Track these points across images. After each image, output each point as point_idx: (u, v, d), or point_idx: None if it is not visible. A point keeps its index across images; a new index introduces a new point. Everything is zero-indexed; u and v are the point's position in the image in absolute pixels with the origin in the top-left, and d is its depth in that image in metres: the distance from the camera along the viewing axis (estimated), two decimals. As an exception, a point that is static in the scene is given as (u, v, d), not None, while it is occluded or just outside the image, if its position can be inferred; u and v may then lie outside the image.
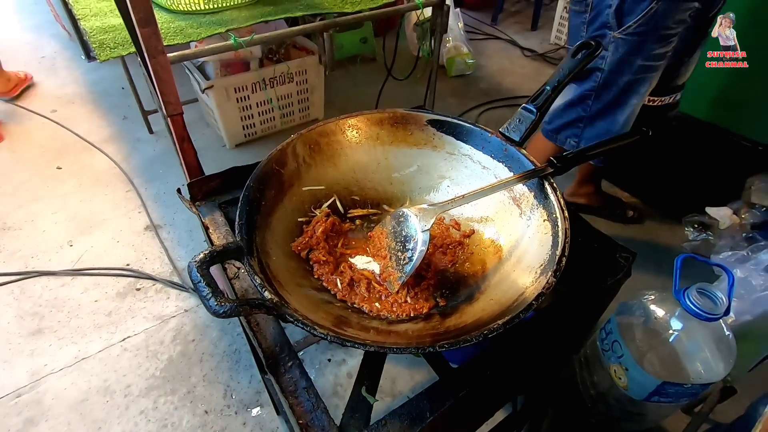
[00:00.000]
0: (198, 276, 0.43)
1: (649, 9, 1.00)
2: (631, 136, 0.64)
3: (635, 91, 1.12)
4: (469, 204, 0.66)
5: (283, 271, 0.53)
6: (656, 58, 1.07)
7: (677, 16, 1.01)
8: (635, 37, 1.05)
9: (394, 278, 0.56)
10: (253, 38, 1.10)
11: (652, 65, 1.08)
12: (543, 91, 0.63)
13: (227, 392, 1.22)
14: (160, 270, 1.53)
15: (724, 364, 0.76)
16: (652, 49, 1.05)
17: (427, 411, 0.43)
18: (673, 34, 1.03)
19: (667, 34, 1.03)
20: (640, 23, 1.02)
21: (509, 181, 0.57)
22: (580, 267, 0.57)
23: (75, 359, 1.27)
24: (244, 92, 1.90)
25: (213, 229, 0.63)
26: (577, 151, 0.61)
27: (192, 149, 0.87)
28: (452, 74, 2.63)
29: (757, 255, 0.99)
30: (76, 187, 1.85)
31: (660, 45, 1.04)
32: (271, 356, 0.47)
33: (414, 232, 0.55)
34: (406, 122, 0.70)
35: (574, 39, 1.20)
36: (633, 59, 1.08)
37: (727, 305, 0.70)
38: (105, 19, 1.11)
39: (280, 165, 0.63)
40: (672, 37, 1.04)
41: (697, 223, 1.64)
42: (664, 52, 1.05)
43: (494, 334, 0.42)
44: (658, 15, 1.01)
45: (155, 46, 0.73)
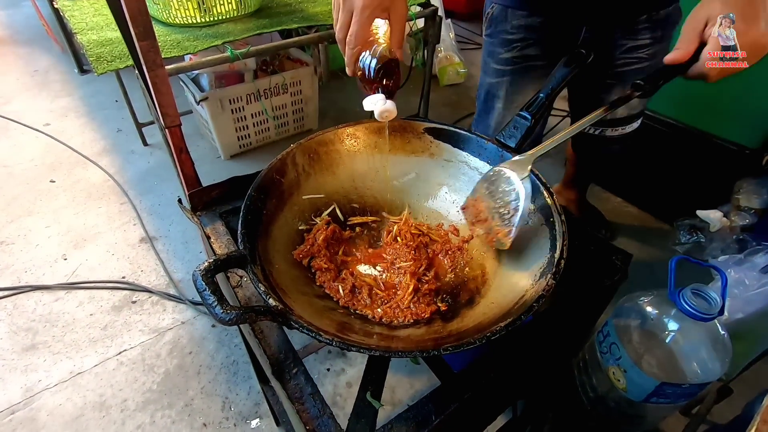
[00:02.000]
0: (203, 284, 0.43)
1: (490, 11, 1.06)
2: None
3: (496, 95, 1.14)
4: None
5: (285, 279, 0.54)
6: (505, 63, 1.07)
7: (514, 21, 1.02)
8: (487, 38, 1.10)
9: (503, 234, 0.55)
10: (249, 50, 1.11)
11: (502, 69, 1.09)
12: (537, 98, 0.65)
13: (225, 404, 1.20)
14: (156, 282, 1.52)
15: (720, 364, 0.77)
16: (498, 53, 1.07)
17: (432, 414, 0.43)
18: (515, 39, 1.04)
19: (509, 39, 1.04)
20: (487, 26, 1.09)
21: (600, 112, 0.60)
22: (577, 269, 0.58)
23: (70, 374, 1.25)
24: (239, 103, 1.91)
25: (215, 238, 0.63)
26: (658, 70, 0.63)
27: (190, 160, 0.87)
28: (444, 83, 2.67)
29: (752, 258, 1.01)
30: (70, 200, 1.84)
31: (505, 49, 1.06)
32: (276, 363, 0.47)
33: (513, 183, 0.55)
34: (403, 131, 0.71)
35: None
36: (488, 61, 1.11)
37: (722, 305, 0.71)
38: (102, 33, 1.12)
39: (280, 174, 0.63)
40: (515, 43, 1.04)
41: (689, 226, 1.67)
42: (510, 57, 1.06)
43: (496, 337, 0.43)
44: (495, 19, 1.05)
45: (154, 59, 0.74)
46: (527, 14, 1.00)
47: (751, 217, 1.57)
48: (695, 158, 1.57)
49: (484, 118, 1.19)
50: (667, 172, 1.68)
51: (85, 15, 1.25)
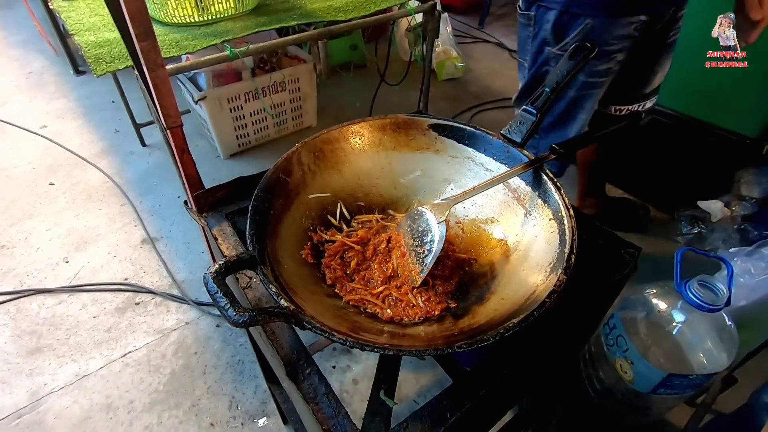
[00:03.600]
0: (215, 287, 0.43)
1: (585, 25, 0.96)
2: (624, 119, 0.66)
3: (581, 106, 1.09)
4: (474, 206, 0.68)
5: (295, 279, 0.53)
6: (599, 75, 1.03)
7: (617, 31, 0.96)
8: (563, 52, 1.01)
9: (416, 272, 0.57)
10: (248, 48, 1.10)
11: (595, 81, 1.05)
12: (542, 92, 0.65)
13: (232, 404, 1.21)
14: (159, 283, 1.52)
15: (726, 354, 0.77)
16: (593, 65, 1.01)
17: (447, 412, 0.43)
18: (615, 50, 0.99)
19: (607, 51, 0.99)
20: (577, 40, 0.97)
21: (519, 169, 0.58)
22: (586, 264, 0.58)
23: (76, 377, 1.25)
24: (237, 102, 1.90)
25: (222, 239, 0.63)
26: (578, 137, 0.63)
27: (191, 161, 0.87)
28: (442, 78, 2.66)
29: (761, 250, 1.01)
30: (70, 202, 1.83)
31: (602, 62, 1.00)
32: (289, 364, 0.47)
33: (430, 226, 0.56)
34: (408, 127, 0.71)
35: (523, 51, 1.16)
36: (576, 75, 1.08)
37: (728, 296, 0.72)
38: (99, 34, 1.11)
39: (286, 174, 0.63)
40: (615, 53, 0.99)
41: (690, 216, 1.67)
42: (607, 68, 1.02)
43: (509, 334, 0.43)
44: (595, 31, 0.96)
45: (155, 59, 0.73)
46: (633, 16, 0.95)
47: (752, 206, 1.57)
48: (696, 148, 1.57)
49: (561, 130, 1.14)
50: (668, 163, 1.68)
51: (82, 16, 1.24)
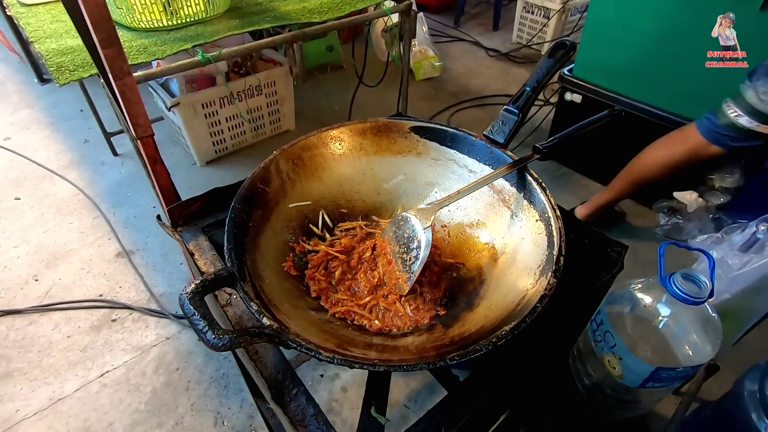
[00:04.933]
0: (191, 309, 0.41)
1: None
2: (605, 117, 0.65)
3: None
4: (459, 209, 0.67)
5: (278, 294, 0.51)
6: None
7: None
8: None
9: (403, 280, 0.55)
10: (221, 53, 1.07)
11: None
12: (523, 92, 0.64)
13: (218, 420, 1.17)
14: (137, 298, 1.46)
15: (711, 345, 0.78)
16: None
17: (442, 427, 0.42)
18: None
19: None
20: None
21: (504, 170, 0.57)
22: (574, 264, 0.57)
23: (50, 401, 1.19)
24: (212, 108, 1.85)
25: (199, 255, 0.60)
26: (560, 136, 0.62)
27: (165, 171, 0.83)
28: (420, 78, 2.66)
29: (730, 237, 1.03)
30: (38, 217, 1.75)
31: None
32: (274, 385, 0.45)
33: (416, 231, 0.55)
34: (389, 131, 0.69)
35: None
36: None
37: (711, 288, 0.72)
38: (61, 41, 1.06)
39: (264, 183, 0.61)
40: None
41: (667, 208, 1.71)
42: None
43: (502, 342, 0.42)
44: None
45: (120, 67, 0.70)
46: None
47: (725, 196, 1.62)
48: (670, 142, 1.60)
49: None
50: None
51: (42, 22, 1.18)
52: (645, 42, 1.51)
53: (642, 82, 1.59)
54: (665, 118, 1.56)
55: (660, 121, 1.58)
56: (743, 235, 1.13)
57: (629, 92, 1.63)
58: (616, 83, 1.67)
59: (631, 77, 1.61)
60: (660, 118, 1.57)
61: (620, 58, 1.61)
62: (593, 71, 1.72)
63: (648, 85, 1.57)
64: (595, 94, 1.73)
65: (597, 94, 1.72)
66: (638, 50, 1.54)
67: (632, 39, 1.54)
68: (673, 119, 1.54)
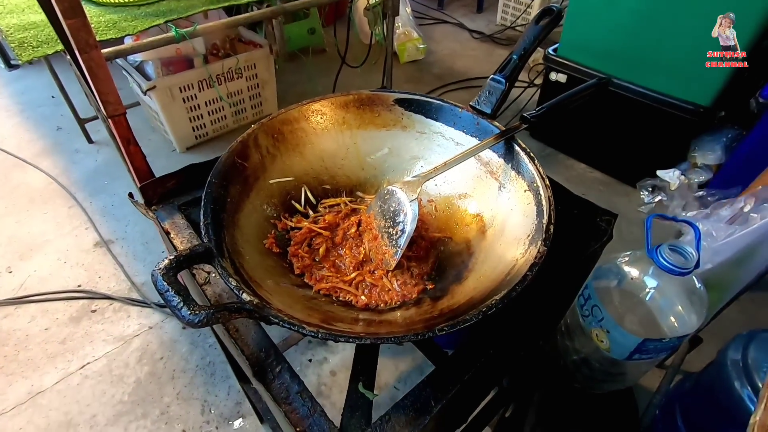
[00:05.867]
0: (165, 285, 0.38)
1: None
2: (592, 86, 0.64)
3: None
4: (446, 182, 0.65)
5: (259, 271, 0.49)
6: None
7: None
8: None
9: (389, 255, 0.53)
10: (196, 29, 1.02)
11: None
12: (510, 60, 0.62)
13: (205, 407, 1.15)
14: (117, 288, 1.42)
15: (697, 316, 0.79)
16: None
17: (431, 399, 0.40)
18: None
19: None
20: None
21: (490, 141, 0.56)
22: (563, 234, 0.56)
23: (28, 395, 1.16)
24: (191, 91, 1.79)
25: (175, 233, 0.57)
26: (549, 105, 0.61)
27: (140, 151, 0.79)
28: (404, 60, 2.62)
29: (718, 212, 1.04)
30: (10, 207, 1.68)
31: None
32: (256, 363, 0.43)
33: (402, 204, 0.53)
34: (372, 103, 0.67)
35: None
36: None
37: (697, 259, 0.72)
38: (23, 16, 0.99)
39: (243, 158, 0.58)
40: None
41: (651, 186, 1.72)
42: None
43: (492, 312, 0.41)
44: None
45: (86, 39, 0.65)
46: None
47: (707, 173, 1.64)
48: (653, 120, 1.61)
49: None
50: (627, 136, 1.72)
51: (2, -2, 1.11)
52: (631, 19, 1.50)
53: (628, 61, 1.58)
54: (651, 97, 1.56)
55: (646, 100, 1.58)
56: (731, 209, 1.14)
57: (615, 71, 1.62)
58: (601, 62, 1.66)
59: (617, 56, 1.60)
60: (646, 97, 1.57)
61: (606, 37, 1.59)
62: (578, 50, 1.71)
63: (634, 63, 1.57)
64: (580, 74, 1.72)
65: (582, 74, 1.71)
66: (624, 28, 1.53)
67: (618, 16, 1.52)
68: (658, 98, 1.55)
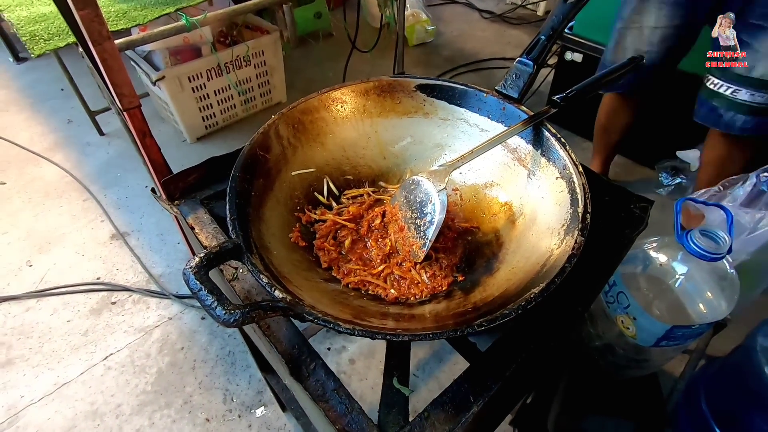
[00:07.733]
0: (197, 284, 0.37)
1: None
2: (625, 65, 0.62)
3: None
4: (471, 171, 0.63)
5: (287, 265, 0.48)
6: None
7: None
8: None
9: (417, 247, 0.52)
10: (206, 16, 1.00)
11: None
12: (538, 41, 0.60)
13: (227, 396, 1.16)
14: (135, 279, 1.43)
15: (727, 302, 0.77)
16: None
17: (470, 396, 0.40)
18: None
19: None
20: None
21: (518, 127, 0.54)
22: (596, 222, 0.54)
23: (55, 386, 1.18)
24: (200, 80, 1.77)
25: (199, 228, 0.56)
26: (580, 88, 0.58)
27: (155, 144, 0.78)
28: (413, 43, 2.56)
29: (731, 190, 1.00)
30: (26, 202, 1.70)
31: None
32: (291, 360, 0.43)
33: (429, 195, 0.52)
34: (393, 90, 0.65)
35: None
36: None
37: (730, 243, 0.70)
38: (33, 8, 0.98)
39: (264, 150, 0.57)
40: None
41: (670, 167, 1.68)
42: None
43: (532, 305, 0.39)
44: None
45: (99, 30, 0.64)
46: None
47: (729, 153, 1.59)
48: (672, 98, 1.56)
49: None
50: (646, 116, 1.67)
51: (10, -10, 1.09)
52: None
53: (646, 38, 1.52)
54: (670, 74, 1.51)
55: (664, 77, 1.52)
56: (744, 187, 1.10)
57: (632, 49, 1.56)
58: (618, 40, 1.60)
59: (635, 33, 1.55)
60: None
61: (623, 13, 1.53)
62: (595, 28, 1.65)
63: (652, 40, 1.51)
64: (597, 53, 1.66)
65: (600, 53, 1.66)
66: (642, 3, 1.47)
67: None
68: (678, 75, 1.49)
